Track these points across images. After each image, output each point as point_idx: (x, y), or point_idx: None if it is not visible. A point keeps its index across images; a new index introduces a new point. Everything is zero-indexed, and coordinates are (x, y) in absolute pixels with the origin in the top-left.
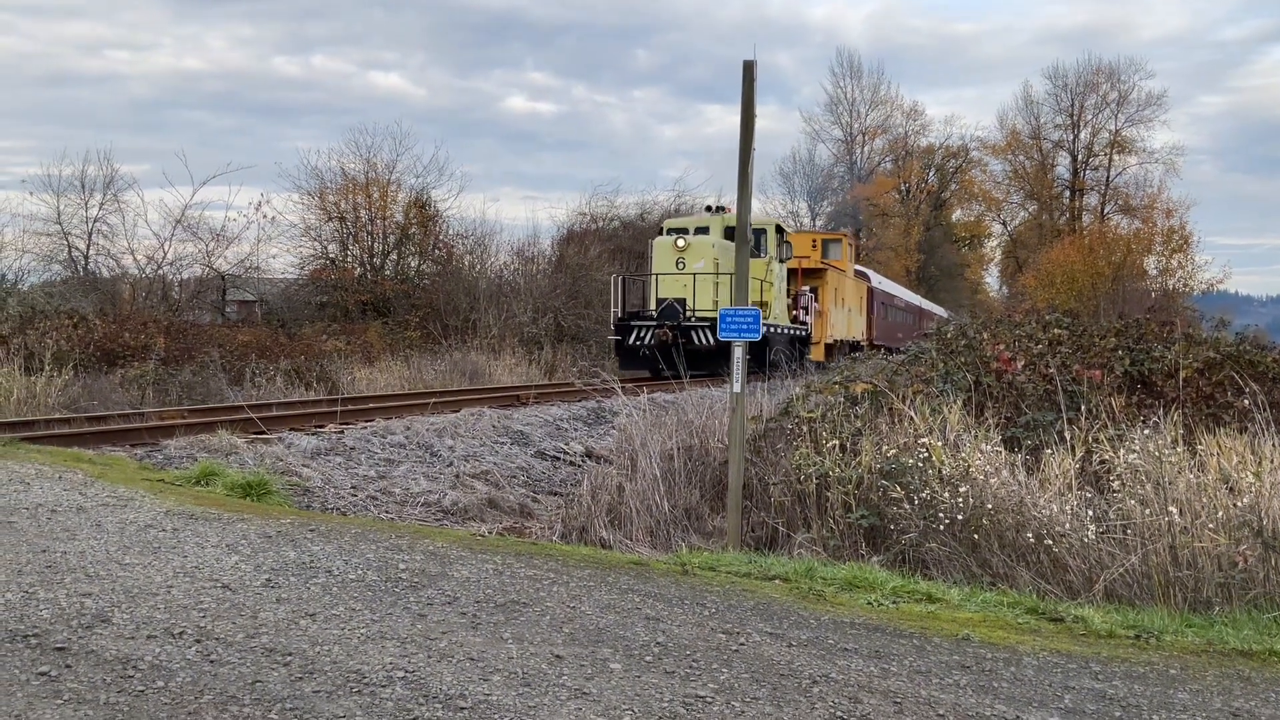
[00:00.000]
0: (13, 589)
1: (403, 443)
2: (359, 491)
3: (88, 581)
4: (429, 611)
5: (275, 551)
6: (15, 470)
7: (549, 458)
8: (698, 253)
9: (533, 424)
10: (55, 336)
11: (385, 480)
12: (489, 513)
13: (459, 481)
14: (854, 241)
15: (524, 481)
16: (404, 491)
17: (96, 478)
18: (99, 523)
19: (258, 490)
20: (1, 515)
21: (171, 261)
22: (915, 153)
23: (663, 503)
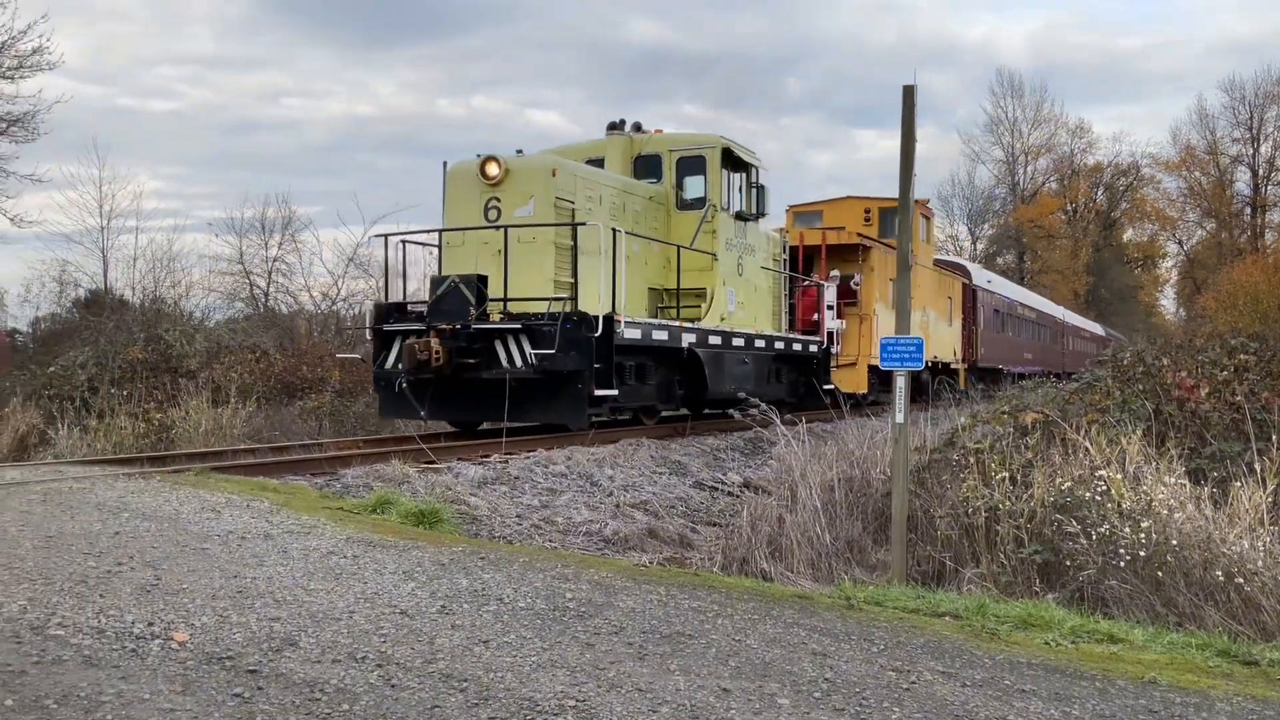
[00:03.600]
0: (208, 613)
1: (564, 472)
2: (523, 520)
3: (276, 606)
4: (596, 641)
5: (449, 579)
6: (207, 499)
7: (707, 488)
8: (526, 186)
9: (690, 454)
10: (239, 370)
11: (548, 509)
12: (649, 542)
13: (619, 511)
14: (930, 213)
15: (683, 511)
16: (566, 520)
17: (281, 506)
18: (285, 549)
19: (429, 519)
20: (195, 542)
21: (345, 297)
22: (1082, 171)
23: (824, 535)
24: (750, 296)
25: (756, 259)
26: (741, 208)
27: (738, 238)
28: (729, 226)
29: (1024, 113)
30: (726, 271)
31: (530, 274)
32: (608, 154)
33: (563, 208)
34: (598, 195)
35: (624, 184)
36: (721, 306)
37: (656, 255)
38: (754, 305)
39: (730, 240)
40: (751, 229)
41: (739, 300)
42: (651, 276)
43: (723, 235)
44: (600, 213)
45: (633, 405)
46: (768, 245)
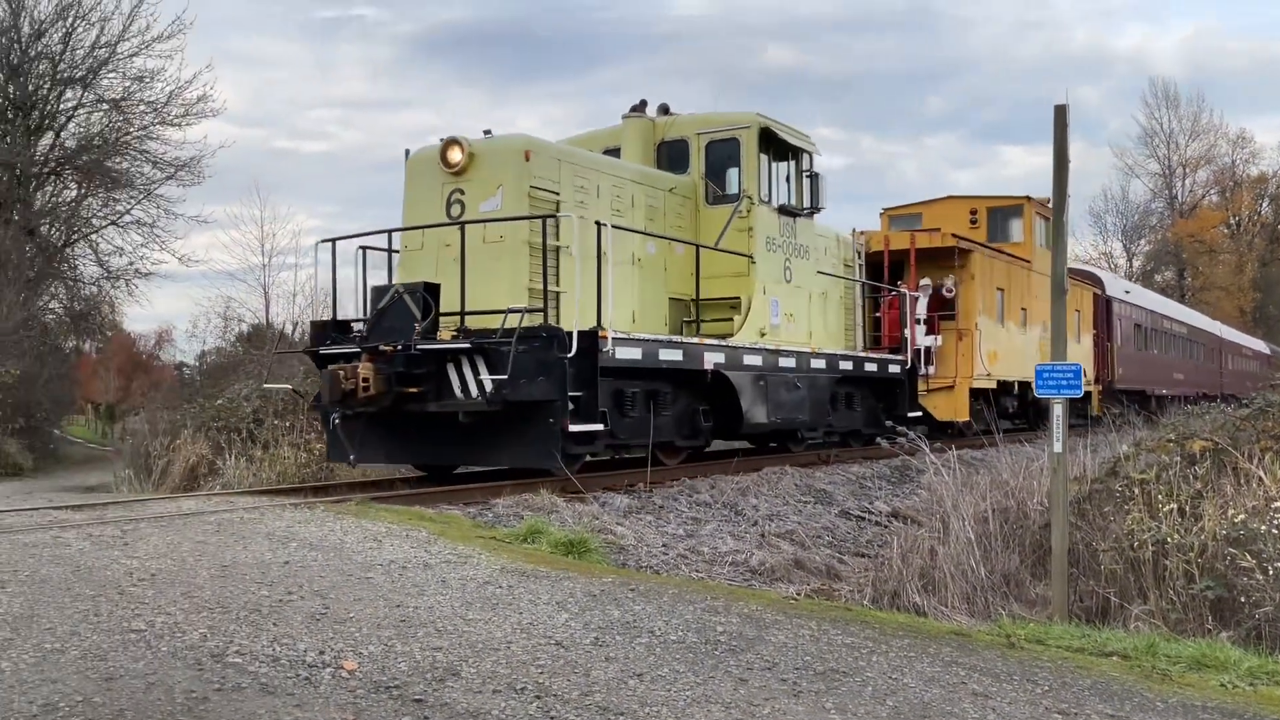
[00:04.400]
0: (374, 642)
1: (708, 501)
2: (669, 550)
3: (437, 636)
4: (749, 676)
5: (600, 610)
6: (369, 529)
7: (853, 517)
8: (493, 173)
9: (836, 482)
10: None
11: (693, 539)
12: (795, 573)
13: (764, 541)
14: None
15: (829, 542)
16: (712, 550)
17: (438, 535)
18: (444, 579)
19: (578, 548)
20: (360, 571)
21: None
22: (1245, 183)
23: (979, 568)
24: (804, 307)
25: (812, 262)
26: (789, 200)
27: (784, 236)
28: (770, 222)
29: (1180, 124)
30: (768, 277)
31: (498, 281)
32: (624, 141)
33: (541, 199)
34: (594, 186)
35: (636, 173)
36: (761, 319)
37: (681, 260)
38: (810, 317)
39: (772, 239)
40: (804, 227)
41: (787, 311)
42: (675, 285)
43: (761, 233)
44: (597, 207)
45: (640, 441)
46: (836, 248)
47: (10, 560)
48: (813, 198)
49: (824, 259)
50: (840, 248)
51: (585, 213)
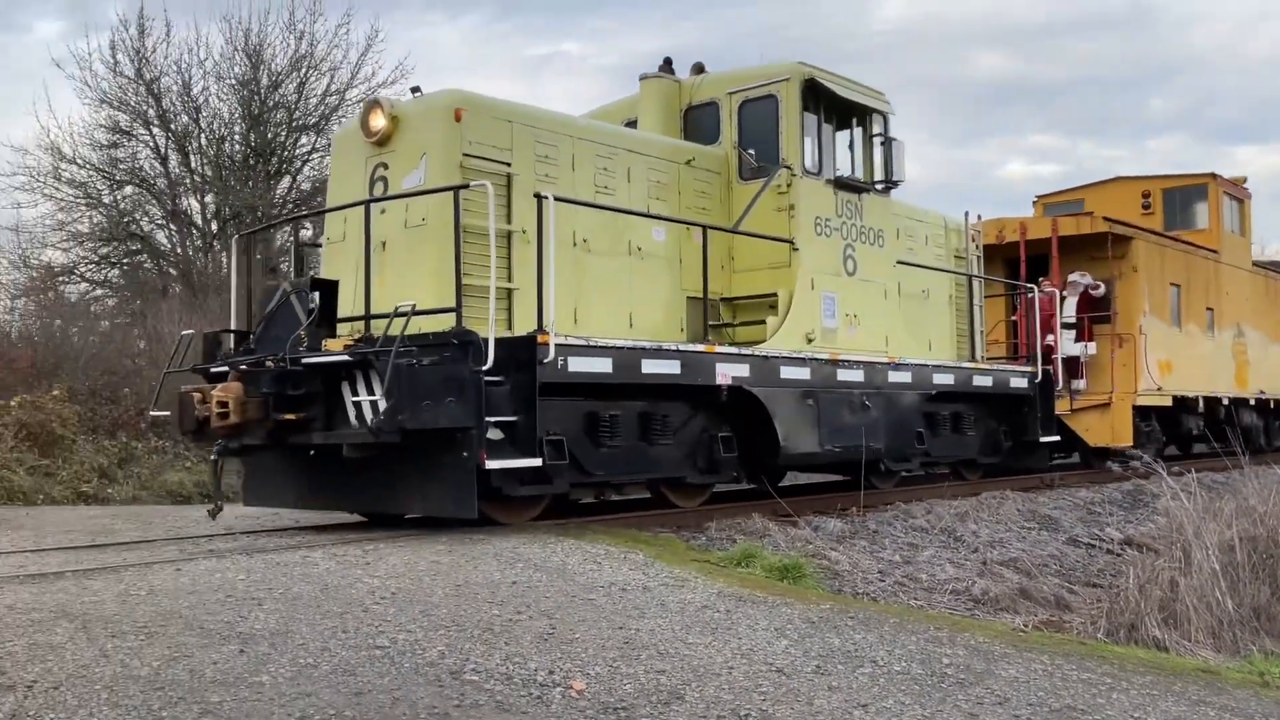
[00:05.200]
0: (599, 663)
1: (924, 527)
2: (886, 576)
3: (660, 659)
4: (980, 712)
5: (820, 638)
6: (589, 550)
7: (1083, 544)
8: (419, 140)
9: (1062, 507)
10: None
11: (910, 565)
12: (1021, 603)
13: (986, 569)
14: (1245, 195)
15: (1056, 570)
16: (930, 578)
17: (654, 558)
18: (663, 602)
19: (793, 573)
20: (583, 592)
21: None
22: None
23: (1225, 600)
24: (876, 306)
25: (888, 251)
26: (855, 171)
27: (844, 218)
28: (820, 199)
29: None
30: (818, 267)
31: (421, 275)
32: (642, 106)
33: (481, 171)
34: (567, 155)
35: (636, 141)
36: (807, 320)
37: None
38: (888, 318)
39: (825, 221)
40: (876, 206)
41: (848, 311)
42: (693, 280)
43: (807, 212)
44: (572, 182)
45: (628, 478)
46: (942, 236)
47: (265, 579)
48: (887, 169)
49: (920, 248)
50: (948, 236)
51: (554, 188)
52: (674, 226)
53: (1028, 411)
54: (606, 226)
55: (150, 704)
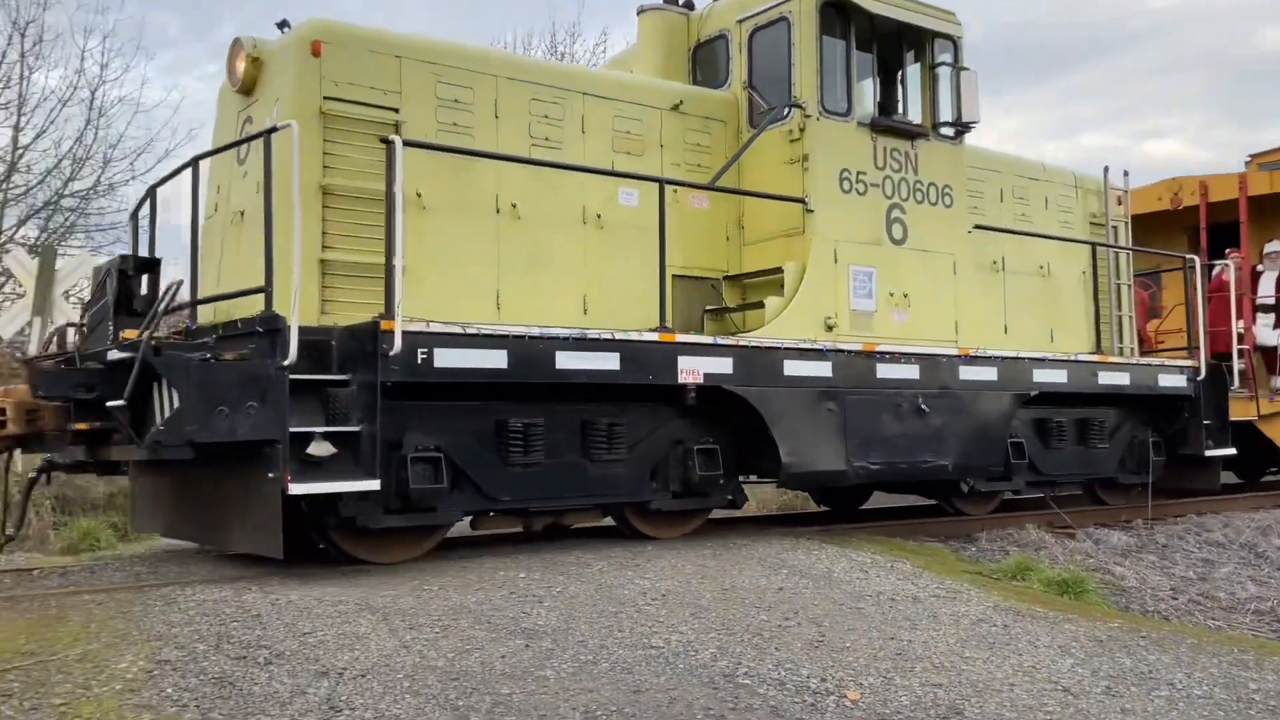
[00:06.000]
0: (872, 673)
1: (1221, 541)
2: (1178, 594)
3: (935, 672)
4: None
5: (1109, 657)
6: (853, 558)
7: None
8: (274, 84)
9: None
10: None
11: (1206, 582)
12: None
13: None
14: None
15: None
16: (1229, 596)
17: (922, 568)
18: (934, 614)
19: (1074, 588)
20: (850, 601)
21: None
22: None
23: None
24: (941, 283)
25: (958, 212)
26: (907, 111)
27: (889, 170)
28: (848, 147)
29: None
30: (845, 233)
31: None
32: (640, 45)
33: (349, 119)
34: (487, 100)
35: (594, 81)
36: (828, 301)
37: (699, 216)
38: (961, 299)
39: (857, 175)
40: (939, 155)
41: (894, 289)
42: (685, 255)
43: (827, 163)
44: (499, 134)
45: (546, 504)
46: (1072, 197)
47: (544, 578)
48: (957, 108)
49: (1037, 213)
50: (1082, 198)
51: (470, 140)
52: (653, 189)
53: (1189, 418)
54: (550, 188)
55: (447, 693)
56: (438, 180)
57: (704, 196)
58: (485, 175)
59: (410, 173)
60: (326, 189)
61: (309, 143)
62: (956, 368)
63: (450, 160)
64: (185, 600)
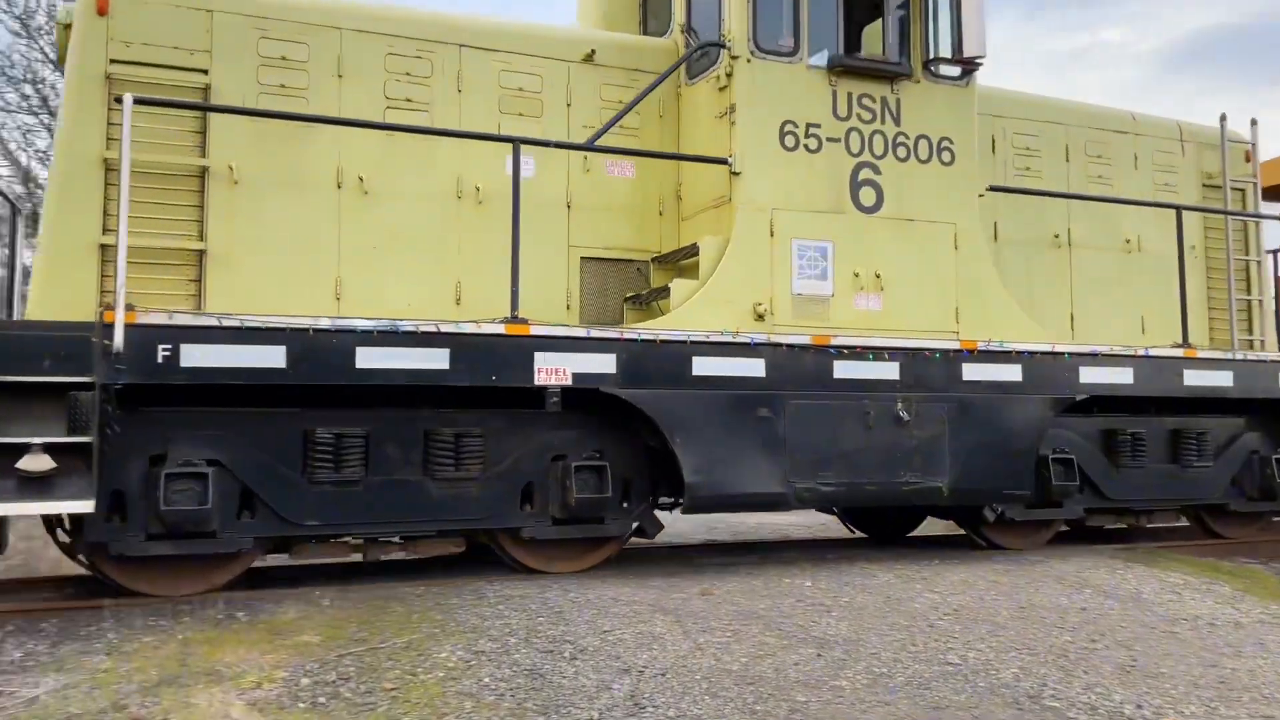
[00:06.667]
0: (1193, 702)
1: None
2: None
3: (1266, 704)
4: None
5: None
6: (1162, 579)
7: None
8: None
9: None
10: None
11: None
12: None
13: None
14: None
15: None
16: None
17: (1242, 592)
18: (1261, 641)
19: None
20: (1164, 625)
21: None
22: None
23: None
24: (934, 260)
25: (960, 170)
26: (887, 48)
27: (855, 121)
28: (793, 93)
29: None
30: (784, 198)
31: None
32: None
33: (142, 84)
34: (331, 56)
35: (473, 30)
36: (758, 283)
37: (621, 186)
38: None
39: (805, 128)
40: (932, 100)
41: (867, 269)
42: (597, 232)
43: (760, 115)
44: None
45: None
46: (1175, 154)
47: (830, 588)
48: (957, 39)
49: (1124, 174)
50: (1195, 154)
51: (302, 104)
52: (555, 158)
53: None
54: (412, 158)
55: (744, 697)
56: (258, 152)
57: (629, 164)
58: (324, 145)
59: (219, 143)
60: (110, 164)
61: (90, 113)
62: (957, 366)
63: (277, 128)
64: (493, 595)
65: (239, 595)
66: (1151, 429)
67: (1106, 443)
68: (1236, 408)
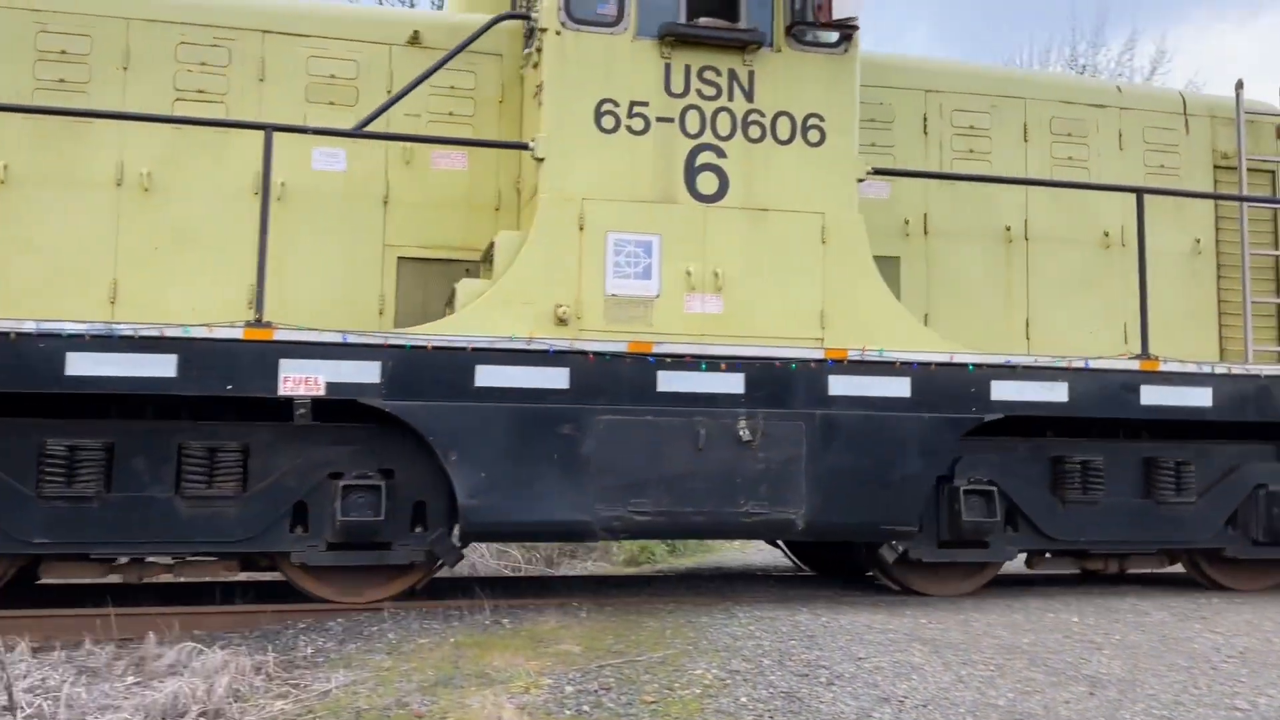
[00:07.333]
0: None
1: None
2: None
3: None
4: None
5: None
6: None
7: None
8: None
9: None
10: None
11: None
12: None
13: None
14: None
15: None
16: None
17: None
18: None
19: None
20: None
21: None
22: None
23: None
24: (798, 256)
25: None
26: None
27: (694, 99)
28: (614, 66)
29: None
30: (599, 186)
31: None
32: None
33: None
34: (115, 50)
35: (275, 14)
36: (568, 282)
37: (448, 178)
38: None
39: (628, 106)
40: (800, 72)
41: (704, 267)
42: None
43: (571, 93)
44: (123, 85)
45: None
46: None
47: (1098, 624)
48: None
49: (1104, 154)
50: (1201, 130)
51: (84, 100)
52: (371, 149)
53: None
54: (206, 151)
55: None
56: (34, 149)
57: (461, 155)
58: (104, 141)
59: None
60: None
61: None
62: (821, 378)
63: (55, 125)
64: (744, 615)
65: (503, 603)
66: (1114, 457)
67: (1054, 473)
68: (1258, 432)
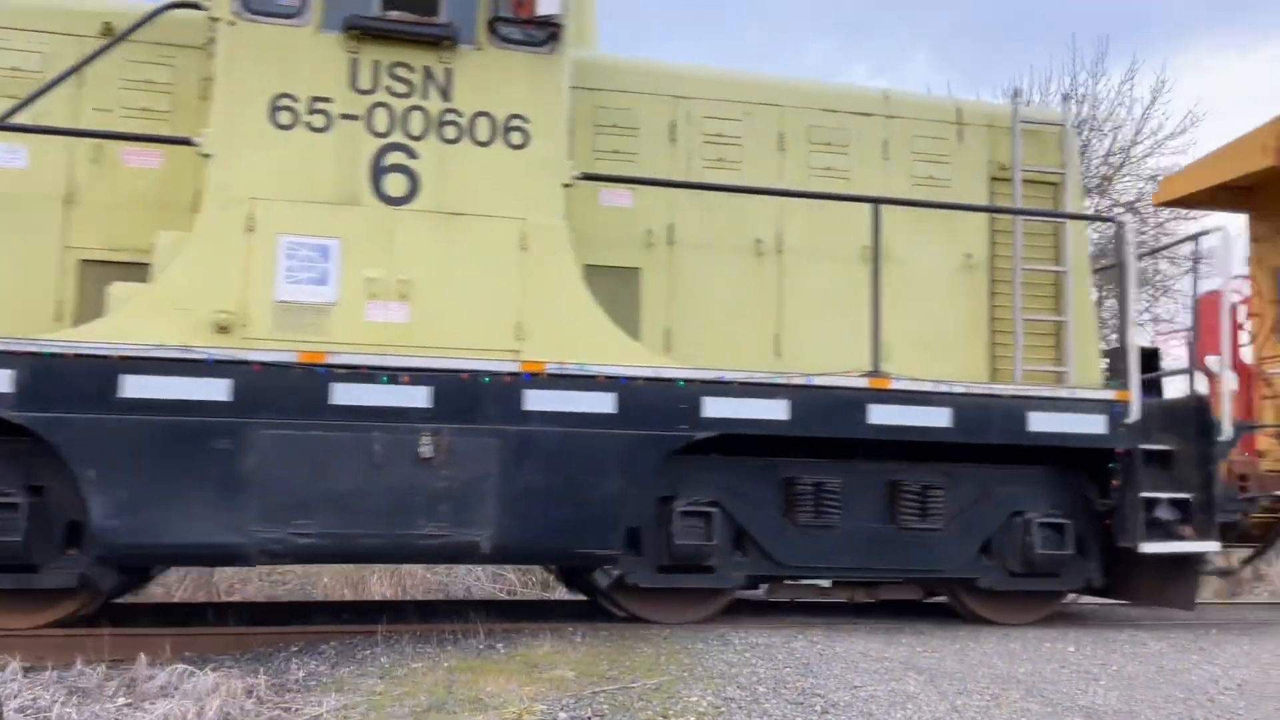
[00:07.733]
0: None
1: None
2: None
3: None
4: None
5: None
6: None
7: None
8: None
9: None
10: None
11: None
12: None
13: None
14: None
15: None
16: None
17: None
18: None
19: None
20: None
21: None
22: None
23: None
24: (493, 264)
25: (538, 154)
26: (440, 6)
27: (381, 92)
28: (293, 59)
29: None
30: (275, 187)
31: None
32: None
33: None
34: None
35: None
36: (233, 286)
37: (141, 176)
38: (538, 290)
39: (308, 101)
40: (505, 71)
41: (389, 273)
42: (120, 227)
43: (241, 86)
44: None
45: None
46: (950, 140)
47: (1095, 654)
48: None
49: (867, 164)
50: (977, 139)
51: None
52: (55, 146)
53: (1122, 490)
54: None
55: None
56: None
57: (153, 153)
58: None
59: None
60: None
61: None
62: (515, 393)
63: None
64: (739, 641)
65: (498, 627)
66: (854, 479)
67: (786, 495)
68: (1029, 456)
